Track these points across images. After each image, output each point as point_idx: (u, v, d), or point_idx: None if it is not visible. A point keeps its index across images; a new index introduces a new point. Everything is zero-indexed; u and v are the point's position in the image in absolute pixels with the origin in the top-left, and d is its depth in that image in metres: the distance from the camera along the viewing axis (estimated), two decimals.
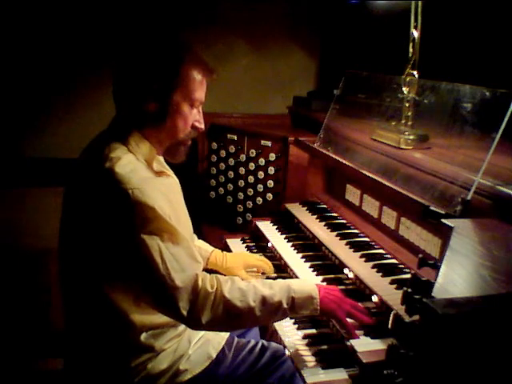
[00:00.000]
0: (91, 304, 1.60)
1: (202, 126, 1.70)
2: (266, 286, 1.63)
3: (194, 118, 1.66)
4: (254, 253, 2.46)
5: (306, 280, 1.86)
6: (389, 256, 2.05)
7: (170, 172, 1.75)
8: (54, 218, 1.70)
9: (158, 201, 1.47)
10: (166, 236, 1.48)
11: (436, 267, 1.27)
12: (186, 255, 1.52)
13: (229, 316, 1.54)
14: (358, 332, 1.68)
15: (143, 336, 1.59)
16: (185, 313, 1.49)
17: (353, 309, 1.72)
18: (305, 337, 1.83)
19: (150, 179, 1.53)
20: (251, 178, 2.91)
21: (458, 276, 1.18)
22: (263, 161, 2.85)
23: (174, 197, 1.62)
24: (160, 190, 1.52)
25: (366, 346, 1.62)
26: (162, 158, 1.74)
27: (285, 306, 1.61)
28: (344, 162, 2.22)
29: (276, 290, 1.61)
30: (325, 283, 1.98)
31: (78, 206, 1.58)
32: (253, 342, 1.77)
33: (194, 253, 1.56)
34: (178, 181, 1.74)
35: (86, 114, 3.20)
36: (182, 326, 1.69)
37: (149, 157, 1.61)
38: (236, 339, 1.78)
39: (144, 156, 1.59)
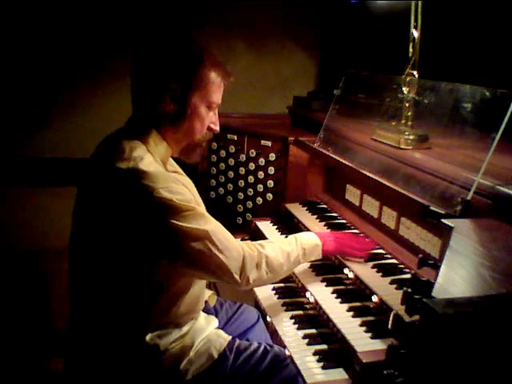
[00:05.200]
0: (101, 303, 1.60)
1: (218, 128, 1.75)
2: (286, 244, 1.87)
3: (210, 119, 1.70)
4: None
5: (308, 232, 2.06)
6: (389, 256, 2.05)
7: (182, 172, 1.82)
8: (55, 218, 1.72)
9: (186, 194, 1.54)
10: (202, 221, 1.54)
11: (436, 267, 1.27)
12: (222, 230, 1.63)
13: (268, 272, 1.73)
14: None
15: (148, 336, 1.60)
16: (237, 277, 1.62)
17: (352, 243, 2.05)
18: (305, 337, 1.83)
19: (173, 177, 1.59)
20: (251, 178, 2.91)
21: (458, 276, 1.18)
22: (263, 161, 2.85)
23: (193, 191, 1.71)
24: (183, 184, 1.60)
25: (365, 346, 1.62)
26: (172, 160, 1.78)
27: (300, 257, 1.88)
28: (344, 161, 2.22)
29: (293, 245, 1.87)
30: (325, 283, 2.02)
31: (99, 205, 1.57)
32: (255, 345, 1.76)
33: (224, 227, 1.66)
34: (191, 181, 1.77)
35: (86, 114, 3.20)
36: (187, 327, 1.70)
37: (164, 157, 1.65)
38: (238, 341, 1.78)
39: (160, 156, 1.63)
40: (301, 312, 1.99)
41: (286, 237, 2.40)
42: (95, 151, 1.68)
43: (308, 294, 2.00)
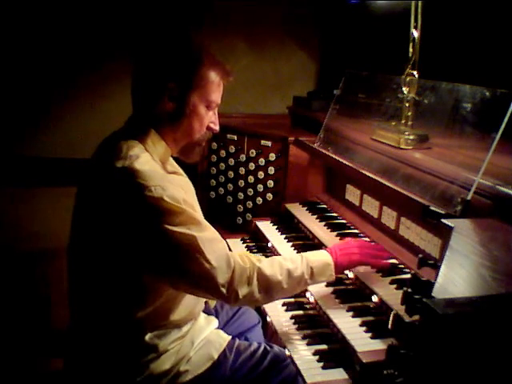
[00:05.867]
0: (100, 303, 1.60)
1: (217, 128, 1.74)
2: (288, 260, 1.72)
3: (209, 119, 1.70)
4: (254, 253, 2.46)
5: (318, 250, 1.88)
6: (389, 256, 2.05)
7: (182, 172, 1.81)
8: (55, 218, 1.71)
9: (180, 195, 1.51)
10: (193, 226, 1.50)
11: (436, 267, 1.27)
12: (213, 238, 1.56)
13: (261, 289, 1.61)
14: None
15: (148, 336, 1.59)
16: (224, 290, 1.53)
17: (373, 252, 1.92)
18: (305, 337, 1.83)
19: (170, 177, 1.58)
20: (251, 178, 2.91)
21: (458, 276, 1.18)
22: (263, 161, 2.85)
23: (190, 193, 1.70)
24: (179, 185, 1.57)
25: (365, 346, 1.62)
26: (172, 160, 1.78)
27: (306, 276, 1.71)
28: (344, 162, 2.22)
29: (297, 263, 1.71)
30: (325, 283, 1.95)
31: (95, 204, 1.57)
32: (255, 345, 1.77)
33: (219, 235, 1.60)
34: (189, 181, 1.77)
35: (86, 114, 3.20)
36: (186, 327, 1.69)
37: (163, 157, 1.65)
38: (237, 341, 1.78)
39: (159, 156, 1.62)
40: (301, 312, 2.00)
41: (286, 237, 2.44)
42: (95, 151, 1.68)
43: (308, 294, 2.00)
